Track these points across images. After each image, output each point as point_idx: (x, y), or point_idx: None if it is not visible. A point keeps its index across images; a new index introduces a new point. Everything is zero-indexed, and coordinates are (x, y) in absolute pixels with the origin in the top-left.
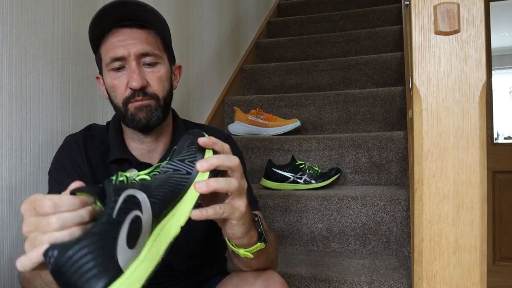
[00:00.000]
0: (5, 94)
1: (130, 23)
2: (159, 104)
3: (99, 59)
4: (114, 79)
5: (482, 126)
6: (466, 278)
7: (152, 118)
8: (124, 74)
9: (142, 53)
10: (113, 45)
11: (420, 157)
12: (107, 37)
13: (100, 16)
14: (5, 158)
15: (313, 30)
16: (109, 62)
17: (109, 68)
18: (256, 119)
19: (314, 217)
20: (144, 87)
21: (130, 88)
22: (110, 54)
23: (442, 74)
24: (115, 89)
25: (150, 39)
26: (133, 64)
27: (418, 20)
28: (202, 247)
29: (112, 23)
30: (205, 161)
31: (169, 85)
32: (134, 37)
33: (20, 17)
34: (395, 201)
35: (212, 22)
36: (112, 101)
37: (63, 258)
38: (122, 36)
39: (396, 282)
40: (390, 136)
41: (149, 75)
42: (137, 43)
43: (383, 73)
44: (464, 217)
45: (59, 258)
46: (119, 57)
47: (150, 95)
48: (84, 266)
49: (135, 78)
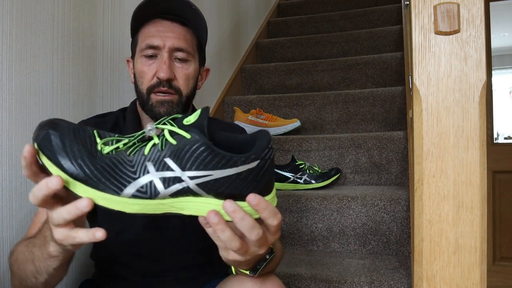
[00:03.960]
0: (5, 94)
1: (173, 17)
2: (181, 101)
3: (135, 43)
4: (144, 65)
5: (482, 126)
6: (466, 278)
7: (172, 114)
8: (154, 62)
9: (177, 47)
10: (151, 34)
11: (420, 157)
12: (147, 25)
13: (147, 4)
14: (5, 158)
15: (313, 30)
16: (143, 48)
17: (142, 53)
18: (256, 119)
19: (314, 217)
20: (171, 79)
21: (157, 77)
22: (146, 41)
23: (442, 74)
24: (143, 75)
25: (187, 36)
26: (165, 56)
27: (418, 20)
28: (203, 248)
29: (156, 14)
30: (258, 199)
31: (194, 84)
32: (173, 31)
33: (20, 17)
34: (395, 201)
35: (212, 22)
36: (138, 86)
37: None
38: (162, 28)
39: (396, 282)
40: (390, 136)
41: (178, 70)
42: (174, 37)
43: (383, 73)
44: (464, 217)
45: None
46: (154, 46)
47: (175, 89)
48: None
49: (165, 69)
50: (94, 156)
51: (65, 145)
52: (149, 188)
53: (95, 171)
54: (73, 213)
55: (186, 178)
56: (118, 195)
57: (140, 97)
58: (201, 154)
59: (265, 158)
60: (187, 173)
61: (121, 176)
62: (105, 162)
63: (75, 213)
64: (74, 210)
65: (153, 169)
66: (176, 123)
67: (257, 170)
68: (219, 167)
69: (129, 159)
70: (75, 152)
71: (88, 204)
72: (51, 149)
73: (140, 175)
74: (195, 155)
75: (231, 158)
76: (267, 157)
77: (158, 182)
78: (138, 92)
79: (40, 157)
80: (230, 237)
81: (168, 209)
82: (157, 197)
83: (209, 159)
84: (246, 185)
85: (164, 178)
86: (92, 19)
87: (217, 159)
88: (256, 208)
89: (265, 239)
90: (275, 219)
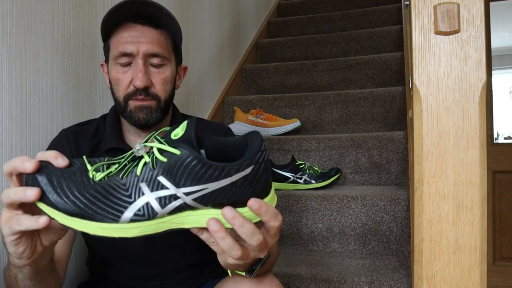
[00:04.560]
0: (5, 94)
1: (145, 20)
2: (160, 106)
3: (107, 49)
4: (119, 73)
5: (482, 126)
6: (466, 278)
7: (151, 120)
8: (129, 70)
9: (151, 53)
10: (124, 40)
11: (420, 157)
12: (119, 29)
13: (118, 8)
14: (5, 158)
15: (313, 30)
16: (117, 55)
17: (116, 61)
18: (256, 119)
19: (314, 217)
20: (148, 87)
21: (133, 85)
22: (119, 48)
23: (442, 74)
24: (118, 83)
25: (161, 39)
26: (140, 63)
27: (418, 20)
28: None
29: (127, 17)
30: (259, 203)
31: (172, 87)
32: (147, 35)
33: (20, 17)
34: (395, 201)
35: (212, 22)
36: (114, 93)
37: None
38: (134, 32)
39: (396, 282)
40: (390, 136)
41: (155, 75)
42: (148, 42)
43: (383, 73)
44: (464, 217)
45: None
46: (128, 53)
47: (152, 96)
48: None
49: (140, 77)
50: (87, 185)
51: (53, 183)
52: (146, 210)
53: (89, 203)
54: (19, 196)
55: (182, 195)
56: (117, 222)
57: (118, 104)
58: (193, 169)
59: (258, 162)
60: (182, 190)
61: (117, 203)
62: (98, 191)
63: (20, 197)
64: (22, 196)
65: (147, 190)
66: (164, 138)
67: (252, 175)
68: (213, 179)
69: (122, 182)
70: (65, 188)
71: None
72: (42, 192)
73: (135, 198)
74: (188, 171)
75: (224, 168)
76: (261, 160)
77: (154, 202)
78: (115, 100)
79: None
80: (231, 245)
81: (169, 226)
82: (156, 217)
83: (202, 172)
84: (243, 191)
85: (160, 198)
86: (92, 19)
87: (210, 171)
88: (257, 213)
89: (265, 243)
90: (276, 221)
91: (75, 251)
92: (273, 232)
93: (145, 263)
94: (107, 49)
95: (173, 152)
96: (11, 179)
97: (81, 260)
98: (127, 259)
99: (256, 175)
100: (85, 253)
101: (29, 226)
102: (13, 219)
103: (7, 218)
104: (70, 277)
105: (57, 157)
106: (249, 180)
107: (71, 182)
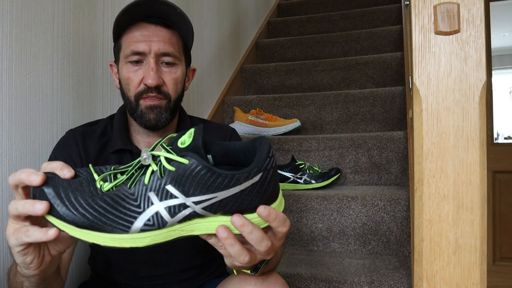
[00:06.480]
0: (5, 94)
1: (157, 20)
2: (169, 106)
3: (118, 48)
4: (130, 72)
5: (482, 126)
6: (466, 278)
7: (161, 120)
8: (141, 68)
9: (163, 52)
10: (136, 39)
11: (420, 157)
12: (131, 29)
13: (131, 8)
14: (5, 158)
15: (313, 30)
16: (128, 54)
17: (127, 60)
18: (256, 119)
19: (314, 217)
20: (159, 85)
21: (145, 84)
22: (131, 47)
23: (442, 74)
24: (129, 81)
25: (173, 39)
26: (151, 61)
27: (418, 20)
28: (203, 248)
29: (140, 17)
30: (268, 210)
31: (182, 87)
32: (158, 34)
33: (20, 17)
34: (395, 201)
35: (212, 22)
36: (124, 93)
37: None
38: (146, 32)
39: (396, 282)
40: (390, 136)
41: (166, 74)
42: (160, 41)
43: (383, 73)
44: (464, 217)
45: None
46: (139, 52)
47: (164, 94)
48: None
49: (152, 75)
50: (95, 195)
51: (61, 196)
52: (156, 220)
53: (98, 215)
54: (27, 209)
55: (191, 204)
56: (127, 232)
57: (129, 104)
58: (202, 178)
59: (267, 169)
60: (191, 199)
61: (126, 213)
62: (106, 202)
63: (28, 210)
64: (30, 209)
65: (156, 200)
66: (171, 146)
67: (261, 182)
68: (222, 188)
69: (131, 192)
70: (73, 200)
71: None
72: (50, 205)
73: (144, 207)
74: (197, 180)
75: (233, 177)
76: (270, 166)
77: (163, 211)
78: (125, 99)
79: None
80: (240, 251)
81: (179, 234)
82: (166, 226)
83: (211, 181)
84: (252, 198)
85: (169, 207)
86: (92, 19)
87: (220, 180)
88: (266, 220)
89: (272, 247)
90: (284, 226)
91: (77, 250)
92: (279, 236)
93: (148, 264)
94: (118, 49)
95: (181, 161)
96: (16, 191)
97: (83, 259)
98: (130, 259)
99: (265, 181)
100: (87, 252)
101: (38, 238)
102: (21, 231)
103: (15, 229)
104: (72, 276)
105: (63, 168)
106: (258, 187)
107: (79, 193)
